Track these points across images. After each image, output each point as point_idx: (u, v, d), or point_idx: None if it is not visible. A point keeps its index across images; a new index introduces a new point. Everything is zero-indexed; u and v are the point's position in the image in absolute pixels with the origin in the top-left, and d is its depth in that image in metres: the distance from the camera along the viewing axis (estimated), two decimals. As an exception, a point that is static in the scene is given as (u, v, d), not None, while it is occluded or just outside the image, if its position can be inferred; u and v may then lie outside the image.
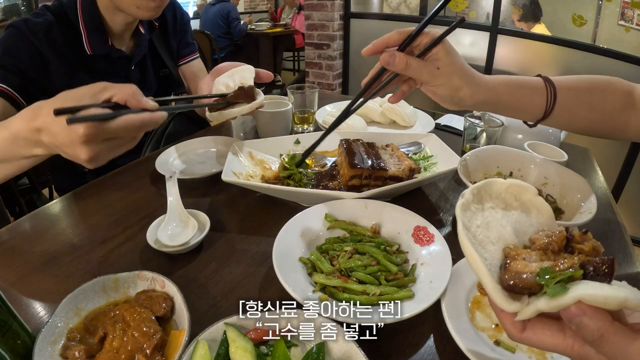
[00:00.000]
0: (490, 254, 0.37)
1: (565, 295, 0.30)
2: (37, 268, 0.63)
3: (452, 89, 0.58)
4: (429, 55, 0.57)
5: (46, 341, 0.46)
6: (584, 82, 0.65)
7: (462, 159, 0.77)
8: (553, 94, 0.62)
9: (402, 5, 3.65)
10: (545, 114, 0.63)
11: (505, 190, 0.42)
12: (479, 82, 0.60)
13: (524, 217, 0.41)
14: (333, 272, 0.57)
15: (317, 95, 1.14)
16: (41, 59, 0.88)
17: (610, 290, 0.30)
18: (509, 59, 2.66)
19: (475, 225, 0.39)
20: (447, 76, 0.57)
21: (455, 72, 0.57)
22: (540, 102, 0.63)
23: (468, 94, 0.58)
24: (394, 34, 0.58)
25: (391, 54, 0.56)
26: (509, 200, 0.42)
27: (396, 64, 0.56)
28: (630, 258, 0.67)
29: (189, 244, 0.64)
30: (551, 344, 0.33)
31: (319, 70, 3.30)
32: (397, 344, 0.51)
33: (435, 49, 0.56)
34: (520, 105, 0.63)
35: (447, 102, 0.60)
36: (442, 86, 0.58)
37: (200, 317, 0.52)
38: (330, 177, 0.83)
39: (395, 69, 0.57)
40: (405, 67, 0.56)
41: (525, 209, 0.42)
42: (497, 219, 0.40)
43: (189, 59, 1.22)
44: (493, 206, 0.41)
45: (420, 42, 0.57)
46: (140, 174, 0.90)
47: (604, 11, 2.37)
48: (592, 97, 0.64)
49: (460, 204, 0.39)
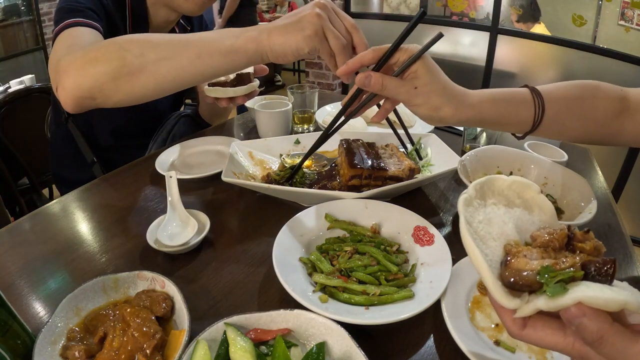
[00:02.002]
0: (491, 250, 0.37)
1: (565, 296, 0.30)
2: (37, 268, 0.63)
3: (432, 109, 0.56)
4: (407, 73, 0.55)
5: (46, 341, 0.46)
6: (572, 91, 0.63)
7: (462, 159, 0.77)
8: (541, 106, 0.60)
9: (402, 5, 3.65)
10: (534, 126, 0.61)
11: (508, 187, 0.42)
12: (461, 100, 0.57)
13: (526, 215, 0.41)
14: (333, 272, 0.57)
15: (317, 95, 1.14)
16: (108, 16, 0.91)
17: (610, 292, 0.30)
18: (509, 59, 2.67)
19: (477, 221, 0.38)
20: (425, 96, 0.55)
21: (435, 91, 0.55)
22: (528, 116, 0.60)
23: (449, 113, 0.56)
24: (369, 52, 0.57)
25: (367, 75, 0.55)
26: (512, 197, 0.42)
27: (372, 85, 0.54)
28: (630, 258, 0.67)
29: (189, 244, 0.64)
30: (551, 342, 0.33)
31: (319, 70, 3.30)
32: (397, 344, 0.51)
33: (414, 66, 0.54)
34: (507, 120, 0.61)
35: (429, 121, 0.59)
36: (421, 106, 0.56)
37: (200, 317, 0.52)
38: (330, 177, 0.83)
39: (371, 90, 0.56)
40: (381, 88, 0.55)
41: (527, 207, 0.41)
42: (499, 215, 0.40)
43: None
44: (495, 202, 0.41)
45: (398, 59, 0.56)
46: (140, 174, 0.90)
47: (604, 11, 2.37)
48: (582, 105, 0.62)
49: (463, 199, 0.39)
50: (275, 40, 0.62)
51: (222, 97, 0.87)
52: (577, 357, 0.32)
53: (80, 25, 0.79)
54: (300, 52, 0.62)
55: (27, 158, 1.36)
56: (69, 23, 0.78)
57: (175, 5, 0.95)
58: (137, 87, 0.67)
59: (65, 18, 0.79)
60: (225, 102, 0.88)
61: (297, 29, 0.60)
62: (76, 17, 0.80)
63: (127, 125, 1.12)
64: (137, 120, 1.12)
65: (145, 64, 0.65)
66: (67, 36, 0.77)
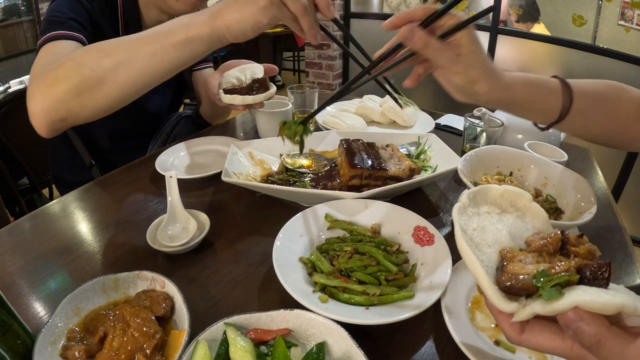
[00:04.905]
0: (487, 257, 0.37)
1: (561, 300, 0.31)
2: (37, 268, 0.63)
3: (469, 80, 0.53)
4: (451, 39, 0.51)
5: (46, 341, 0.46)
6: (600, 87, 0.63)
7: (462, 159, 0.77)
8: (570, 96, 0.59)
9: (402, 5, 3.65)
10: (561, 116, 0.59)
11: (500, 196, 0.43)
12: (498, 78, 0.55)
13: (519, 222, 0.42)
14: (333, 272, 0.57)
15: (317, 95, 1.14)
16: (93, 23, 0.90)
17: (607, 296, 0.30)
18: (509, 59, 2.66)
19: (472, 229, 0.39)
20: (466, 65, 0.52)
21: (476, 63, 0.52)
22: (556, 104, 0.59)
23: (484, 89, 0.53)
24: (419, 9, 0.52)
25: (412, 29, 0.50)
26: (504, 206, 0.43)
27: (415, 40, 0.50)
28: (630, 258, 0.67)
29: (189, 244, 0.64)
30: (550, 346, 0.33)
31: (319, 70, 3.30)
32: (397, 344, 0.51)
33: (459, 34, 0.50)
34: (536, 106, 0.59)
35: (460, 93, 0.55)
36: (458, 74, 0.53)
37: (200, 317, 0.52)
38: (330, 177, 0.83)
39: (413, 47, 0.51)
40: (424, 45, 0.50)
41: (520, 215, 0.42)
42: (492, 222, 0.41)
43: (203, 66, 1.24)
44: (489, 211, 0.42)
45: (445, 22, 0.52)
46: (140, 174, 0.90)
47: (604, 11, 2.37)
48: (607, 103, 0.62)
49: (457, 207, 0.40)
50: (229, 19, 0.60)
51: (240, 104, 0.86)
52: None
53: (60, 39, 0.79)
54: (260, 25, 0.60)
55: (27, 158, 1.35)
56: (47, 37, 0.78)
57: (166, 7, 0.94)
58: (101, 99, 0.67)
59: (47, 31, 0.79)
60: (242, 107, 0.87)
61: (250, 2, 0.59)
62: (57, 29, 0.79)
63: (125, 127, 1.12)
64: (135, 121, 1.12)
65: (103, 74, 0.65)
66: (45, 53, 0.77)
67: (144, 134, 1.13)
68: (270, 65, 0.94)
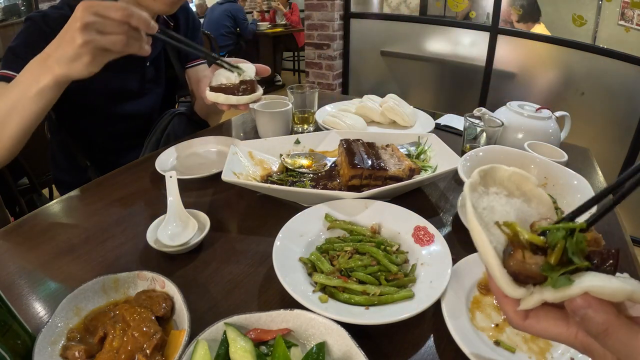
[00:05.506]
0: (496, 237, 0.36)
1: (571, 287, 0.30)
2: (37, 268, 0.63)
3: None
4: None
5: (46, 341, 0.46)
6: None
7: (462, 159, 0.77)
8: None
9: (402, 5, 3.65)
10: None
11: (508, 178, 0.42)
12: None
13: (525, 207, 0.41)
14: (333, 272, 0.57)
15: (317, 95, 1.14)
16: None
17: (617, 282, 0.29)
18: (509, 59, 2.66)
19: (482, 207, 0.38)
20: None
21: None
22: None
23: None
24: None
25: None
26: (512, 189, 0.42)
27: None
28: (630, 258, 0.67)
29: (189, 244, 0.64)
30: (554, 332, 0.32)
31: (319, 70, 3.30)
32: (397, 344, 0.51)
33: None
34: None
35: None
36: None
37: (200, 317, 0.52)
38: (330, 177, 0.83)
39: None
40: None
41: (526, 199, 0.41)
42: (501, 204, 0.40)
43: (196, 63, 1.24)
44: (497, 192, 0.41)
45: None
46: (140, 174, 0.90)
47: (604, 11, 2.37)
48: None
49: (469, 183, 0.38)
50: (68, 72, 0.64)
51: (224, 103, 0.85)
52: (580, 347, 0.32)
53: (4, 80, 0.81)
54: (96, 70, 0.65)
55: (27, 158, 1.35)
56: None
57: (144, 6, 0.92)
58: None
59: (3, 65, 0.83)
60: (226, 107, 0.87)
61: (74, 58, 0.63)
62: (10, 68, 0.83)
63: (119, 129, 1.12)
64: (128, 122, 1.12)
65: None
66: None
67: (138, 134, 1.13)
68: (263, 66, 0.92)
